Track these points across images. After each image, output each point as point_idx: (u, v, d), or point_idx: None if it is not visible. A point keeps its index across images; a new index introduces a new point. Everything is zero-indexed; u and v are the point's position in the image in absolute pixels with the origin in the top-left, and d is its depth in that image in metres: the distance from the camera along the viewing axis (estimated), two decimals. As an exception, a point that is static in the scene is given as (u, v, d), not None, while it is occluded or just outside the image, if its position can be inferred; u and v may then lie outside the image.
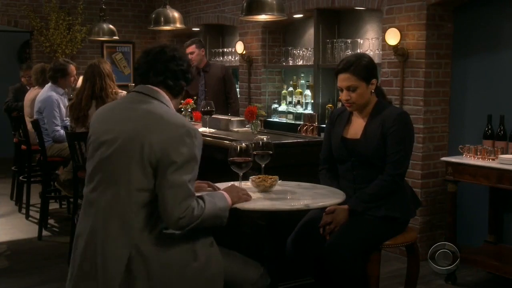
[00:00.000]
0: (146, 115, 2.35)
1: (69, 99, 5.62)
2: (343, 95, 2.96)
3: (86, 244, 2.38)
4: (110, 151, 2.33)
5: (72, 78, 5.64)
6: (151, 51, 2.50)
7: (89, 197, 2.42)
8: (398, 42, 4.70)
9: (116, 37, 6.93)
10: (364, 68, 2.92)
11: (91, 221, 2.37)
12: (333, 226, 2.84)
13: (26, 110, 5.93)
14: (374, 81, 2.97)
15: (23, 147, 5.89)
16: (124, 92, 4.93)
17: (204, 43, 7.76)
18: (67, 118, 5.43)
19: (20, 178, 6.10)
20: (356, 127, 3.02)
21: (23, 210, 6.04)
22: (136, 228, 2.30)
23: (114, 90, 4.84)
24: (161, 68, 2.45)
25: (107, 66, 4.89)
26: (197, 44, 5.97)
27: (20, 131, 5.78)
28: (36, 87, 5.98)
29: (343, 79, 2.94)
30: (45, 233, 5.35)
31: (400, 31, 4.69)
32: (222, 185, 2.81)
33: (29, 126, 5.54)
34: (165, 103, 2.44)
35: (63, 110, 5.44)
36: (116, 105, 2.57)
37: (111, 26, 6.79)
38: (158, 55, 2.47)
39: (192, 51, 5.89)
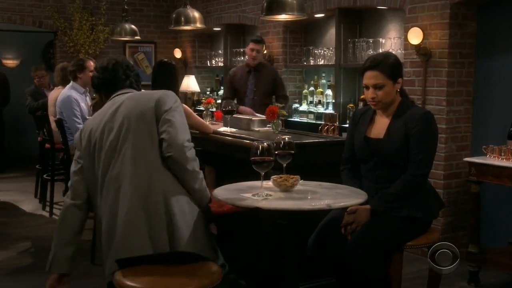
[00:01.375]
0: (131, 98, 2.71)
1: (92, 98, 5.64)
2: (369, 93, 2.91)
3: (131, 207, 2.54)
4: (123, 131, 2.60)
5: (92, 73, 5.60)
6: (107, 66, 2.82)
7: (113, 177, 2.58)
8: (421, 42, 4.65)
9: (138, 37, 6.95)
10: (391, 66, 2.89)
11: (129, 193, 2.55)
12: (354, 226, 2.82)
13: (50, 109, 5.97)
14: (400, 80, 2.93)
15: (47, 145, 5.95)
16: None
17: (226, 43, 7.80)
18: (90, 117, 5.44)
19: (44, 176, 6.18)
20: (379, 126, 2.98)
21: (47, 208, 6.12)
22: (162, 178, 2.56)
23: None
24: (123, 76, 2.82)
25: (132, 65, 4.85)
26: (264, 43, 5.93)
27: (44, 130, 5.84)
28: (60, 86, 6.01)
29: (370, 77, 2.90)
30: (68, 230, 5.40)
31: (423, 30, 4.64)
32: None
33: (53, 125, 5.59)
34: None
35: (84, 108, 5.44)
36: (102, 111, 2.76)
37: (133, 26, 6.82)
38: (116, 68, 2.82)
39: (259, 50, 5.78)
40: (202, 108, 5.18)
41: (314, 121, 6.09)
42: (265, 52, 6.64)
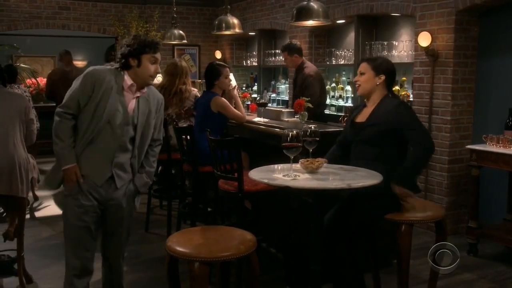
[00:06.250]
0: None
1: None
2: (356, 77, 3.10)
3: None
4: None
5: None
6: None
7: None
8: (429, 44, 4.54)
9: (185, 41, 6.94)
10: (377, 63, 3.04)
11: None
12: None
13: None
14: (382, 76, 3.00)
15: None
16: (195, 90, 4.82)
17: (259, 46, 7.75)
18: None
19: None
20: (365, 114, 3.04)
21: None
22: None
23: (189, 87, 4.73)
24: None
25: (186, 65, 4.83)
26: (287, 51, 5.25)
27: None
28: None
29: (360, 66, 3.10)
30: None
31: (431, 34, 4.53)
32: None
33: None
34: None
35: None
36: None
37: (181, 31, 6.82)
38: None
39: (285, 57, 5.34)
40: (239, 101, 5.16)
41: (335, 113, 6.03)
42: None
